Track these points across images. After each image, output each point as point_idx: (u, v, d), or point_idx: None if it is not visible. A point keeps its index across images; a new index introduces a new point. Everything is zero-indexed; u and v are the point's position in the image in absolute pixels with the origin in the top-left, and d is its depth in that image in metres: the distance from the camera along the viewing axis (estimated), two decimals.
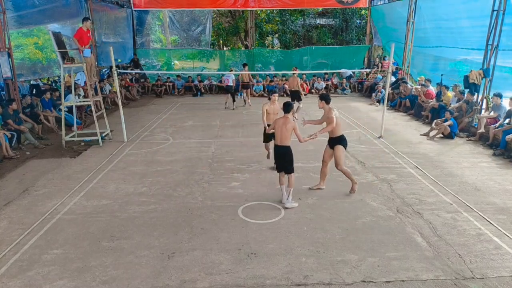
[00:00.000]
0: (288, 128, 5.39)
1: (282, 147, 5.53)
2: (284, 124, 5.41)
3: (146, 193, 6.22)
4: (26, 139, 9.01)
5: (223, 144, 9.04)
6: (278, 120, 5.55)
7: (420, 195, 6.08)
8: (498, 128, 8.55)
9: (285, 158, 5.57)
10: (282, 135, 5.45)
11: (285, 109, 5.55)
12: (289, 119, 5.45)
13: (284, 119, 5.45)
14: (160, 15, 20.62)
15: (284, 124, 5.40)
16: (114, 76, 9.59)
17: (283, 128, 5.41)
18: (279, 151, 5.58)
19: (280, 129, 5.44)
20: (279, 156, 5.62)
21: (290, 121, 5.42)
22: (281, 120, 5.47)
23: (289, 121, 5.42)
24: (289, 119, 5.45)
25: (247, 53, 18.96)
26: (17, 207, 5.77)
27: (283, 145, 5.51)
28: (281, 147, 5.53)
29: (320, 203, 5.81)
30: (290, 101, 5.66)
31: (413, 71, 14.58)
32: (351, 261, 4.31)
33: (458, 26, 11.51)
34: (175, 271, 4.16)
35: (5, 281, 4.00)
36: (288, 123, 5.39)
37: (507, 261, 4.30)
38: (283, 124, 5.41)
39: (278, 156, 5.64)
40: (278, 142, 5.54)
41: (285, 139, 5.47)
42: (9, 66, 8.98)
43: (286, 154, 5.55)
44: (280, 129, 5.44)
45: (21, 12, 10.19)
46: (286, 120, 5.42)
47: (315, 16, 22.91)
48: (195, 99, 16.23)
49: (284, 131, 5.42)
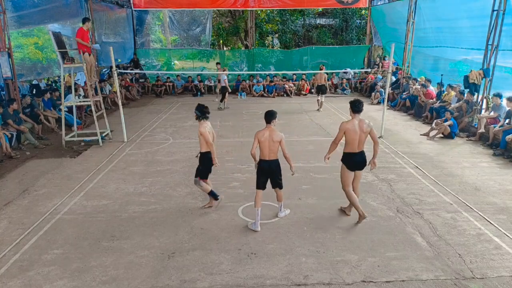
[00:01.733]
0: (275, 140, 4.89)
1: (273, 161, 5.01)
2: (270, 136, 4.89)
3: (146, 193, 6.22)
4: (26, 139, 9.01)
5: (223, 144, 9.04)
6: (261, 133, 4.93)
7: (420, 195, 6.08)
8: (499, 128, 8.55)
9: (278, 173, 5.12)
10: (270, 149, 4.92)
11: (267, 119, 4.99)
12: (274, 129, 4.98)
13: (269, 130, 4.93)
14: (160, 15, 20.62)
15: (271, 136, 4.89)
16: (114, 76, 9.59)
17: (270, 140, 4.89)
18: (270, 166, 5.02)
19: (266, 142, 4.90)
20: (270, 172, 5.05)
21: (276, 132, 4.94)
22: (266, 132, 4.91)
23: (275, 132, 4.93)
24: (274, 129, 4.98)
25: (247, 53, 18.97)
26: (17, 207, 5.77)
27: (274, 159, 5.00)
28: (272, 162, 5.01)
29: (320, 203, 5.81)
30: (272, 110, 5.06)
31: (413, 71, 14.58)
32: (351, 261, 4.31)
33: (458, 26, 11.52)
34: (175, 271, 4.16)
35: (5, 281, 4.00)
36: (274, 134, 4.90)
37: (507, 261, 4.29)
38: (269, 137, 4.89)
39: (269, 172, 5.05)
40: (267, 157, 4.97)
41: (274, 153, 4.98)
42: (9, 66, 8.98)
43: (278, 168, 5.09)
44: (266, 142, 4.90)
45: (21, 12, 10.20)
46: (271, 132, 4.91)
47: (315, 16, 22.93)
48: (195, 99, 16.22)
49: (271, 144, 4.90)
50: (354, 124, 4.96)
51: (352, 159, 5.05)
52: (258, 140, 4.94)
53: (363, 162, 5.12)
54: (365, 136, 5.00)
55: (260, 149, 4.99)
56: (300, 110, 13.25)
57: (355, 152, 5.02)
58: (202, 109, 5.42)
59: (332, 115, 12.39)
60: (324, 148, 8.56)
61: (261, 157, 5.03)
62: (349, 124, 4.97)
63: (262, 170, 5.06)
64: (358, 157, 5.05)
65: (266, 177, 5.11)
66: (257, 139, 4.95)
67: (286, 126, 10.73)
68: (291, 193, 6.14)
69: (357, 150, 5.01)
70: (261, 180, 5.10)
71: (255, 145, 4.99)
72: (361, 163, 5.10)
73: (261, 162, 5.04)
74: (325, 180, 6.73)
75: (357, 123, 4.98)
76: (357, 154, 5.03)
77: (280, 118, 11.73)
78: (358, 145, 5.00)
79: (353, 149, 5.01)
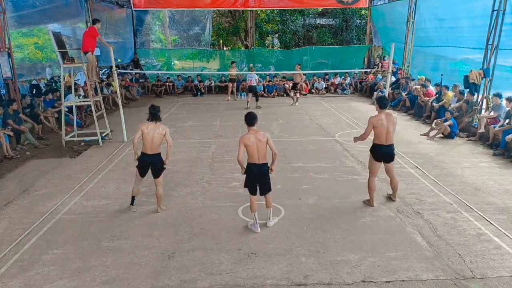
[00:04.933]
0: (262, 140, 4.75)
1: (263, 165, 4.84)
2: (256, 138, 4.74)
3: (146, 193, 6.22)
4: (26, 139, 9.01)
5: (223, 144, 9.04)
6: (246, 137, 4.76)
7: (420, 195, 6.08)
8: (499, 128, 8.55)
9: (268, 177, 4.95)
10: (259, 151, 4.76)
11: (249, 122, 4.82)
12: (257, 129, 4.85)
13: (254, 133, 4.78)
14: (160, 15, 20.61)
15: (257, 138, 4.74)
16: (114, 76, 9.59)
17: (258, 143, 4.73)
18: (261, 170, 4.84)
19: (254, 145, 4.72)
20: (261, 176, 4.88)
21: (259, 132, 4.81)
22: (251, 136, 4.75)
23: (258, 132, 4.81)
24: (257, 129, 4.85)
25: (247, 53, 18.97)
26: (17, 207, 5.77)
27: (264, 162, 4.84)
28: (263, 166, 4.84)
29: (320, 203, 5.81)
30: (253, 112, 4.89)
31: (413, 71, 14.58)
32: (351, 261, 4.31)
33: (458, 26, 11.51)
34: (175, 271, 4.16)
35: (5, 281, 4.00)
36: (260, 135, 4.78)
37: (507, 261, 4.29)
38: (255, 139, 4.74)
39: (259, 176, 4.88)
40: (257, 161, 4.78)
41: (264, 155, 4.81)
42: (9, 66, 8.98)
43: (267, 171, 4.93)
44: (254, 145, 4.72)
45: (21, 12, 10.20)
46: (256, 133, 4.77)
47: (315, 16, 22.92)
48: (195, 99, 16.22)
49: (260, 146, 4.75)
50: (381, 118, 5.34)
51: (379, 150, 5.42)
52: (244, 145, 4.74)
53: (391, 155, 5.49)
54: (392, 128, 5.39)
55: (248, 154, 4.79)
56: (300, 110, 13.24)
57: (383, 144, 5.38)
58: (150, 110, 5.35)
59: (332, 115, 12.39)
60: (324, 148, 8.62)
61: (251, 161, 4.81)
62: (377, 118, 5.35)
63: (253, 176, 4.88)
64: (385, 149, 5.41)
65: (256, 183, 4.93)
66: (243, 144, 4.75)
67: (286, 126, 10.73)
68: (291, 193, 6.14)
69: (385, 143, 5.37)
70: (253, 185, 4.94)
71: (241, 151, 4.76)
72: (388, 154, 5.47)
73: (252, 167, 4.82)
74: (325, 180, 6.73)
75: (384, 117, 5.35)
76: (384, 146, 5.40)
77: (280, 118, 11.94)
78: (386, 138, 5.37)
79: (381, 142, 5.38)
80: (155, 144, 5.27)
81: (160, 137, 5.28)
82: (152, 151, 5.28)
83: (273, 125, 10.94)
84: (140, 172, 5.40)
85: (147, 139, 5.23)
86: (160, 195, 5.50)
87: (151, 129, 5.24)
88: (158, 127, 5.28)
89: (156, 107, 5.36)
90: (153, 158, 5.32)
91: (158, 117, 5.33)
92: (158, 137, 5.26)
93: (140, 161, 5.37)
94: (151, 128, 5.25)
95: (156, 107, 5.36)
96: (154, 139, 5.25)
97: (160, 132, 5.26)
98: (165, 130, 5.32)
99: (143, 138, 5.26)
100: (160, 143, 5.33)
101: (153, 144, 5.26)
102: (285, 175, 6.93)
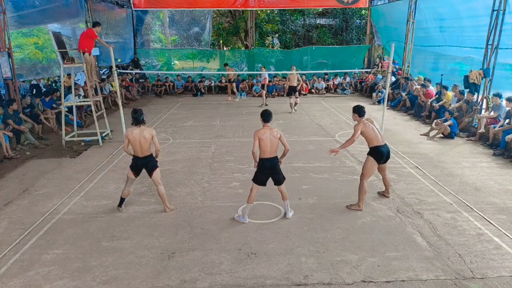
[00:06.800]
0: (276, 136, 5.03)
1: (274, 158, 5.10)
2: (271, 134, 5.02)
3: (146, 193, 6.22)
4: (26, 139, 9.01)
5: (223, 144, 9.04)
6: (262, 132, 5.03)
7: (420, 195, 6.08)
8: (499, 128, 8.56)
9: (279, 168, 5.21)
10: (272, 146, 5.03)
11: (265, 119, 5.13)
12: (271, 127, 5.13)
13: (269, 129, 5.06)
14: (160, 15, 20.62)
15: (271, 134, 5.02)
16: (114, 76, 9.59)
17: (272, 138, 5.01)
18: (273, 163, 5.10)
19: (268, 140, 4.99)
20: (273, 169, 5.13)
21: (273, 129, 5.09)
22: (266, 131, 5.03)
23: (273, 129, 5.08)
24: (271, 127, 5.13)
25: (247, 53, 18.97)
26: (17, 207, 5.77)
27: (275, 156, 5.11)
28: (274, 159, 5.10)
29: (320, 203, 5.81)
30: (269, 110, 5.27)
31: (413, 71, 14.58)
32: (351, 261, 4.31)
33: (458, 26, 11.51)
34: (175, 271, 4.16)
35: (5, 281, 4.00)
36: (275, 131, 5.06)
37: (507, 261, 4.29)
38: (270, 135, 5.01)
39: (271, 169, 5.13)
40: (269, 155, 5.04)
41: (275, 150, 5.09)
42: (9, 66, 8.98)
43: (278, 164, 5.20)
44: (268, 140, 4.99)
45: (21, 12, 10.19)
46: (270, 130, 5.06)
47: (315, 16, 22.92)
48: (195, 99, 16.22)
49: (273, 141, 5.02)
50: (367, 124, 5.46)
51: (382, 152, 5.45)
52: (259, 138, 4.99)
53: (389, 154, 5.60)
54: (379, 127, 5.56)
55: (261, 148, 5.02)
56: (300, 110, 13.24)
57: (382, 145, 5.46)
58: (132, 115, 5.30)
59: (332, 115, 12.39)
60: (324, 148, 8.61)
61: (263, 155, 5.05)
62: (363, 125, 5.44)
63: (265, 169, 5.10)
64: (385, 149, 5.50)
65: (268, 176, 5.16)
66: (257, 138, 5.00)
67: (286, 126, 10.73)
68: (291, 193, 6.12)
69: (382, 143, 5.48)
70: (263, 177, 5.16)
71: (256, 144, 5.04)
72: (388, 154, 5.56)
73: (264, 161, 5.07)
74: (325, 180, 6.73)
75: (366, 121, 5.49)
76: (384, 146, 5.49)
77: (280, 118, 11.94)
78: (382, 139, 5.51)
79: (379, 143, 5.44)
80: (144, 148, 5.27)
81: (147, 141, 5.25)
82: (143, 154, 5.30)
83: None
84: (133, 172, 5.41)
85: (135, 145, 5.24)
86: (163, 193, 5.50)
87: (137, 134, 5.21)
88: (143, 131, 5.24)
89: (138, 111, 5.30)
90: (144, 160, 5.33)
91: (142, 120, 5.29)
92: (145, 141, 5.24)
93: (133, 163, 5.40)
94: (137, 133, 5.21)
95: (138, 111, 5.30)
96: (141, 143, 5.24)
97: (145, 136, 5.23)
98: (151, 134, 5.27)
99: (131, 144, 5.26)
100: (149, 146, 5.31)
101: (142, 148, 5.27)
102: (285, 175, 6.91)
